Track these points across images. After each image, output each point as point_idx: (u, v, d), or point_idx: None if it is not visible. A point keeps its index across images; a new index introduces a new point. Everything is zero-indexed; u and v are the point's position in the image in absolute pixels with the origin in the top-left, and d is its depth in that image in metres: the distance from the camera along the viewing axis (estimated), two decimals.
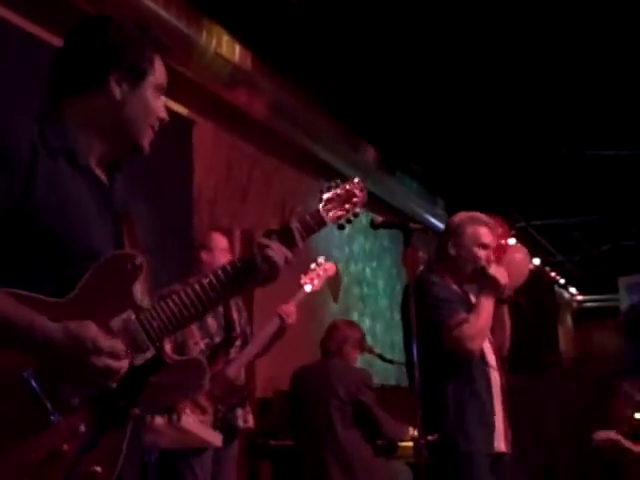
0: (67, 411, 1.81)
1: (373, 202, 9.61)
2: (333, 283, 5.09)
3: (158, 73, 2.09)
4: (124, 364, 1.85)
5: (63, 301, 1.85)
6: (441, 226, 10.97)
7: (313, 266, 4.77)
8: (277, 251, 2.10)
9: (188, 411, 4.02)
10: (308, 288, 4.69)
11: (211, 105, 6.56)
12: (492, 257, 3.70)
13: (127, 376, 1.87)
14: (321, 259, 4.82)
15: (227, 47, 5.80)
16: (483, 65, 7.09)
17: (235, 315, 4.64)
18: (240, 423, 4.54)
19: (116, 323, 1.89)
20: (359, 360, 5.52)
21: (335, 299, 8.65)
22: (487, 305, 3.59)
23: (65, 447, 1.79)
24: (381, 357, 6.09)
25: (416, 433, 5.12)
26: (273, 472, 6.31)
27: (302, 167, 8.36)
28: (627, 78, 7.34)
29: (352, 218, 2.32)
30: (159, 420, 3.63)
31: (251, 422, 4.66)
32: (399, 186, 9.64)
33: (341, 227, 2.32)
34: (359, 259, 9.91)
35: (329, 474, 4.96)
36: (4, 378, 1.77)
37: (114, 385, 1.85)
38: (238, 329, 4.59)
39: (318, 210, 2.24)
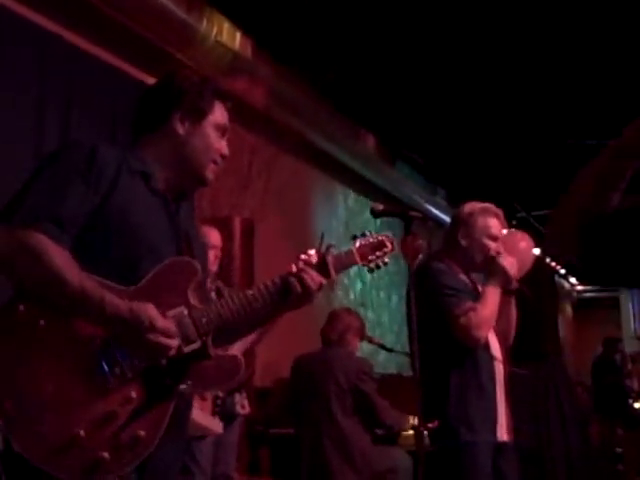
0: (123, 381, 2.14)
1: (373, 191, 9.62)
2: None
3: (218, 114, 2.46)
4: (174, 343, 2.15)
5: (130, 290, 2.18)
6: (441, 215, 10.99)
7: (302, 256, 4.79)
8: (312, 277, 2.41)
9: None
10: None
11: None
12: (501, 248, 3.70)
13: (175, 359, 2.18)
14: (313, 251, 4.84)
15: (228, 35, 5.79)
16: (485, 54, 7.07)
17: None
18: (238, 409, 4.63)
19: (171, 315, 2.20)
20: (361, 349, 5.53)
21: (332, 288, 8.70)
22: (494, 295, 3.60)
23: (119, 410, 2.12)
24: (382, 346, 6.11)
25: (416, 422, 5.17)
26: (272, 460, 6.33)
27: (302, 156, 8.36)
28: (630, 68, 7.32)
29: (381, 265, 2.62)
30: None
31: (248, 408, 4.74)
32: (399, 175, 9.63)
33: (370, 270, 2.62)
34: None
35: (328, 462, 4.97)
36: (76, 346, 2.12)
37: (164, 362, 2.17)
38: None
39: (352, 251, 2.56)
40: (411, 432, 4.97)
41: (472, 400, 3.52)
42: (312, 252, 2.52)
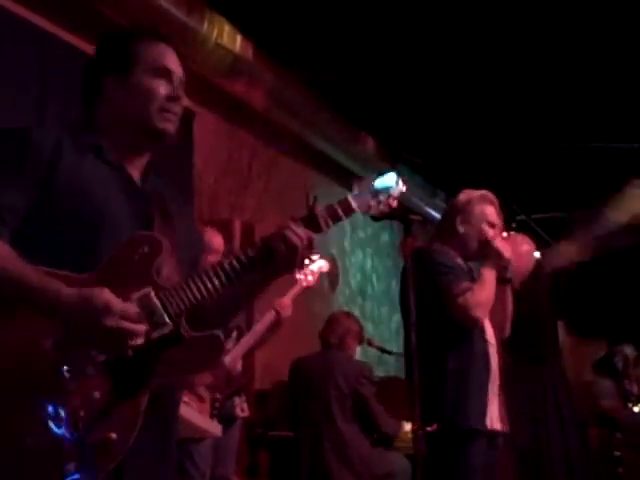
0: (83, 378, 1.89)
1: None
2: (331, 275, 5.13)
3: (150, 57, 2.16)
4: (138, 328, 1.91)
5: (86, 276, 1.95)
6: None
7: (308, 262, 4.85)
8: (296, 233, 2.13)
9: (187, 400, 4.04)
10: (304, 283, 4.76)
11: (212, 96, 6.55)
12: (499, 235, 3.71)
13: (144, 348, 1.93)
14: (316, 256, 4.89)
15: (228, 37, 5.79)
16: (484, 55, 7.07)
17: None
18: (238, 412, 4.64)
19: (135, 297, 1.95)
20: (359, 353, 5.54)
21: (333, 290, 8.71)
22: (490, 276, 3.60)
23: (81, 413, 1.87)
24: (382, 349, 6.11)
25: (410, 428, 5.17)
26: (271, 463, 6.32)
27: (302, 158, 8.36)
28: (628, 71, 7.32)
29: (386, 210, 2.30)
30: None
31: (247, 411, 4.77)
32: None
33: (374, 218, 2.36)
34: (357, 248, 9.91)
35: (328, 465, 4.97)
36: (24, 345, 1.89)
37: (129, 352, 1.91)
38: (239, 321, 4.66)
39: (347, 198, 2.25)
40: (408, 435, 4.96)
41: (467, 385, 3.52)
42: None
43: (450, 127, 8.69)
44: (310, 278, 4.81)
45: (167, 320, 1.97)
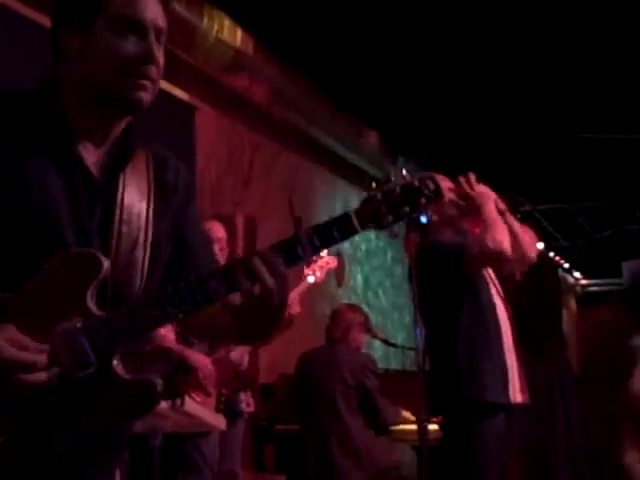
0: None
1: None
2: (338, 269, 5.14)
3: (119, 5, 1.68)
4: (37, 377, 1.55)
5: (11, 296, 1.61)
6: None
7: (316, 258, 4.84)
8: (270, 263, 1.62)
9: (193, 395, 4.06)
10: (311, 279, 4.75)
11: (213, 91, 6.55)
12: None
13: (61, 390, 1.59)
14: (324, 252, 4.88)
15: (229, 32, 5.79)
16: (489, 47, 7.05)
17: None
18: (243, 407, 4.64)
19: (60, 329, 1.60)
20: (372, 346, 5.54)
21: (340, 284, 8.71)
22: (489, 210, 3.60)
23: None
24: (385, 341, 6.12)
25: (412, 417, 5.19)
26: (277, 456, 6.34)
27: (304, 153, 8.36)
28: (629, 62, 7.31)
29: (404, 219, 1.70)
30: (163, 404, 3.64)
31: (252, 406, 4.77)
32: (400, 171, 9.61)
33: (393, 235, 1.73)
34: (362, 242, 9.92)
35: (333, 458, 4.98)
36: None
37: (20, 405, 1.58)
38: None
39: (348, 214, 1.66)
40: (414, 426, 4.97)
41: (481, 359, 3.48)
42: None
43: (453, 120, 8.69)
44: (318, 274, 4.80)
45: (92, 359, 1.60)
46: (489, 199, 3.65)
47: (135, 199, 1.75)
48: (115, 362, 1.62)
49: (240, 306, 1.72)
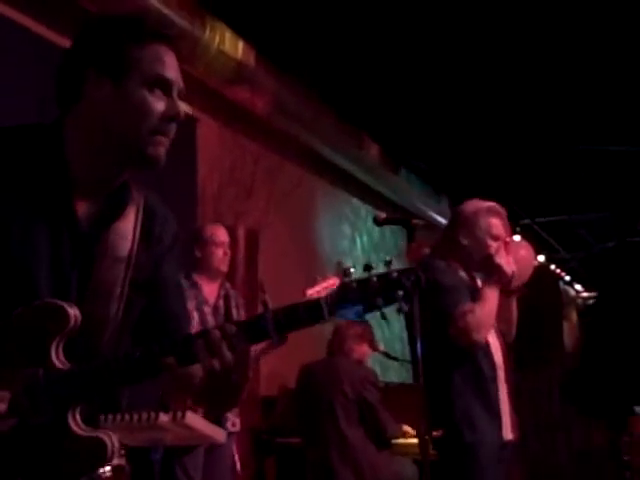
0: None
1: (376, 199, 9.61)
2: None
3: (146, 64, 1.72)
4: None
5: None
6: (445, 222, 10.97)
7: (318, 279, 4.81)
8: (227, 336, 1.62)
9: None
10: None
11: (214, 102, 6.56)
12: (502, 248, 3.68)
13: (16, 439, 1.64)
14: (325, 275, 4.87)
15: (230, 44, 5.80)
16: (488, 61, 7.07)
17: (235, 314, 4.67)
18: (229, 426, 4.53)
19: (20, 378, 1.65)
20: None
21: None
22: (492, 295, 3.56)
23: None
24: (386, 355, 6.09)
25: (410, 430, 5.17)
26: (278, 469, 6.32)
27: (306, 164, 8.36)
28: (629, 73, 7.32)
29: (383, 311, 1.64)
30: (163, 417, 3.62)
31: (238, 425, 4.65)
32: (403, 183, 9.62)
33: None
34: (363, 253, 9.92)
35: (335, 471, 4.96)
36: None
37: None
38: None
39: (319, 301, 1.71)
40: (415, 440, 4.95)
41: (475, 401, 3.50)
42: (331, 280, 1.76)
43: (454, 132, 8.69)
44: (320, 293, 4.76)
45: (49, 409, 1.64)
46: (504, 275, 3.61)
47: (119, 252, 1.77)
48: (70, 415, 1.65)
49: (201, 378, 1.74)
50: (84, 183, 1.76)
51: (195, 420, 3.81)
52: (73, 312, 1.66)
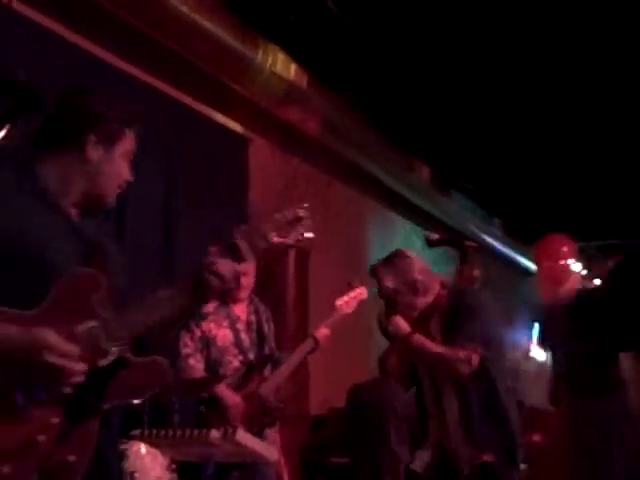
0: (38, 405, 2.01)
1: (427, 221, 9.58)
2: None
3: (128, 142, 2.37)
4: (77, 366, 2.02)
5: (29, 314, 2.05)
6: (497, 246, 10.89)
7: (348, 289, 4.89)
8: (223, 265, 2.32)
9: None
10: (342, 311, 4.79)
11: (267, 123, 6.61)
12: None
13: (93, 375, 2.07)
14: (356, 282, 4.92)
15: (282, 66, 5.86)
16: (545, 79, 7.01)
17: (266, 329, 4.79)
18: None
19: (80, 330, 2.09)
20: None
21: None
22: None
23: (40, 437, 2.01)
24: None
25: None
26: None
27: (356, 185, 8.38)
28: None
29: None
30: (214, 433, 3.65)
31: (278, 443, 4.66)
32: (454, 205, 9.59)
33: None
34: None
35: None
36: None
37: (67, 389, 2.03)
38: (272, 345, 4.80)
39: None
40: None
41: None
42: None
43: (506, 154, 8.64)
44: (349, 305, 4.84)
45: (111, 348, 2.12)
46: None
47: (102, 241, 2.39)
48: (128, 348, 2.15)
49: None
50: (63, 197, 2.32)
51: (245, 437, 3.82)
52: (102, 276, 2.17)
